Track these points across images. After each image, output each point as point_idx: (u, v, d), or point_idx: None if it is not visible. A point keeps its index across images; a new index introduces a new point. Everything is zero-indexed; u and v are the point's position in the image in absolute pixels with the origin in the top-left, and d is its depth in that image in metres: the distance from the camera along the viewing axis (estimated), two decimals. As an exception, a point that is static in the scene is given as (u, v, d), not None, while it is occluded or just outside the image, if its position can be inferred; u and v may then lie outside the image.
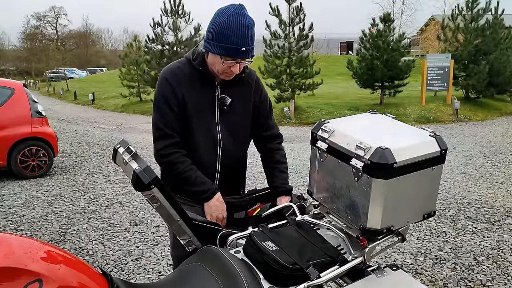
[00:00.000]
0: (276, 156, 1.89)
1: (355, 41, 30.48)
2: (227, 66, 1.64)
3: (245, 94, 1.82)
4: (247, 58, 1.64)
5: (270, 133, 1.92)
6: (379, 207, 1.28)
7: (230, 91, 1.77)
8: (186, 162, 1.71)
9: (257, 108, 1.86)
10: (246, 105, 1.83)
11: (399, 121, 1.52)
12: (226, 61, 1.62)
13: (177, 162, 1.70)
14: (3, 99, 6.14)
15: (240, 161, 1.90)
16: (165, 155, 1.71)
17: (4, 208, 4.87)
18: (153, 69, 17.02)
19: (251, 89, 1.84)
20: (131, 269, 3.31)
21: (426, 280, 3.08)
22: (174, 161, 1.70)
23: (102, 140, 9.75)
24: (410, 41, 15.97)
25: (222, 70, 1.67)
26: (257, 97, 1.86)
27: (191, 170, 1.70)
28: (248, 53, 1.62)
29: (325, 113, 13.42)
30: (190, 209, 1.61)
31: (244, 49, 1.60)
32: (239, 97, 1.80)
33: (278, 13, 13.42)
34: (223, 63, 1.63)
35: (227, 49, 1.59)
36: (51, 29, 58.30)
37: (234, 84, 1.77)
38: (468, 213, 4.47)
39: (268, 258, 1.25)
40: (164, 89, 1.72)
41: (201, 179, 1.70)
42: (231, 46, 1.58)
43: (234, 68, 1.65)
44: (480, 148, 8.19)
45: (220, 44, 1.59)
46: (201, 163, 1.74)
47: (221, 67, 1.65)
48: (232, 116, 1.78)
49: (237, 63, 1.64)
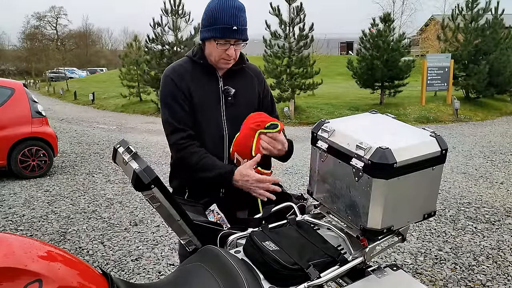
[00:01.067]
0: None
1: (355, 41, 30.50)
2: (222, 49, 1.66)
3: (249, 86, 1.83)
4: (239, 38, 1.65)
5: None
6: (379, 207, 1.28)
7: (233, 83, 1.79)
8: (200, 151, 1.70)
9: (261, 102, 1.87)
10: (251, 96, 1.83)
11: (400, 121, 1.52)
12: (220, 43, 1.65)
13: (192, 153, 1.70)
14: (3, 99, 6.15)
15: None
16: (180, 149, 1.71)
17: (4, 208, 4.87)
18: (153, 69, 16.99)
19: (254, 82, 1.85)
20: (131, 269, 3.31)
21: (426, 280, 3.08)
22: (189, 153, 1.70)
23: (102, 140, 9.75)
24: (410, 41, 15.98)
25: (218, 56, 1.68)
26: (261, 90, 1.87)
27: (207, 157, 1.69)
28: (240, 33, 1.64)
29: (325, 113, 13.42)
30: (191, 209, 1.61)
31: (235, 28, 1.62)
32: (243, 88, 1.81)
33: (279, 13, 13.43)
34: (217, 46, 1.65)
35: (218, 30, 1.63)
36: (51, 29, 58.40)
37: (236, 75, 1.79)
38: (468, 213, 4.47)
39: (268, 258, 1.25)
40: (169, 87, 1.73)
41: (218, 162, 1.69)
42: (222, 26, 1.62)
43: (230, 51, 1.66)
44: (480, 148, 8.19)
45: (212, 27, 1.64)
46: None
47: (217, 52, 1.67)
48: (237, 107, 1.78)
49: (231, 45, 1.66)
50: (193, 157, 1.69)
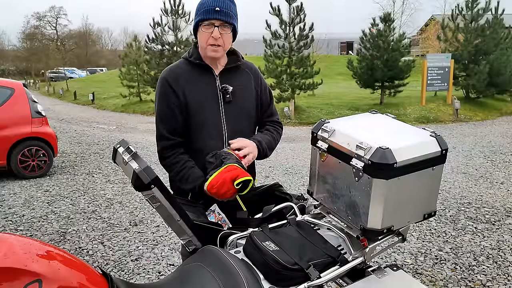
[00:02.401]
0: (268, 127, 1.93)
1: (355, 41, 30.50)
2: (207, 32, 1.68)
3: (246, 83, 1.85)
4: (223, 20, 1.67)
5: (271, 119, 1.96)
6: (379, 207, 1.28)
7: (230, 80, 1.80)
8: (180, 161, 1.72)
9: (259, 98, 1.89)
10: (248, 93, 1.85)
11: (400, 121, 1.52)
12: (204, 25, 1.68)
13: (172, 163, 1.74)
14: (3, 99, 6.14)
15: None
16: (163, 157, 1.77)
17: (4, 208, 4.87)
18: (153, 69, 17.01)
19: (251, 78, 1.87)
20: (131, 269, 3.31)
21: (426, 280, 3.08)
22: (170, 163, 1.74)
23: (102, 140, 9.75)
24: (410, 41, 15.93)
25: (205, 42, 1.70)
26: (258, 87, 1.89)
27: (185, 168, 1.71)
28: (224, 14, 1.67)
29: (325, 113, 13.41)
30: (191, 209, 1.61)
31: (217, 9, 1.65)
32: (240, 85, 1.82)
33: (279, 13, 13.43)
34: (202, 28, 1.69)
35: (202, 13, 1.68)
36: (51, 29, 58.36)
37: (232, 73, 1.82)
38: (468, 213, 4.47)
39: (268, 258, 1.25)
40: (163, 89, 1.75)
41: (195, 175, 1.69)
42: (205, 8, 1.67)
43: (214, 33, 1.68)
44: (480, 148, 8.18)
45: (197, 13, 1.70)
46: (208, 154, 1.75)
47: (203, 37, 1.70)
48: (235, 105, 1.79)
49: (216, 27, 1.68)
50: (172, 167, 1.73)
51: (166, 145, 1.74)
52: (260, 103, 1.90)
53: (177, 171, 1.72)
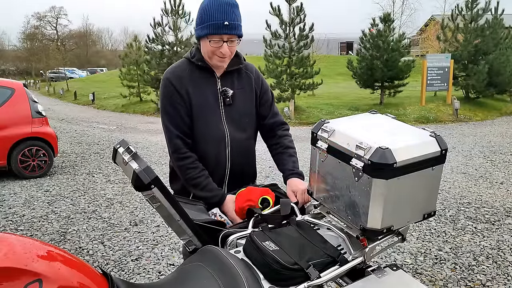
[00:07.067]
0: (284, 141, 1.91)
1: (355, 41, 30.49)
2: (215, 47, 1.66)
3: (246, 85, 1.84)
4: (232, 34, 1.65)
5: (275, 120, 1.94)
6: (379, 207, 1.28)
7: (231, 83, 1.80)
8: (197, 168, 1.73)
9: (260, 99, 1.89)
10: (249, 95, 1.84)
11: (399, 121, 1.52)
12: (213, 40, 1.64)
13: (189, 167, 1.72)
14: (3, 99, 6.15)
15: (249, 153, 1.90)
16: (178, 158, 1.73)
17: (4, 208, 4.87)
18: (153, 69, 16.98)
19: (252, 81, 1.86)
20: (131, 269, 3.31)
21: (426, 280, 3.08)
22: (187, 167, 1.72)
23: (102, 140, 9.75)
24: (410, 41, 15.94)
25: (212, 53, 1.68)
26: (259, 88, 1.88)
27: (202, 176, 1.72)
28: (233, 28, 1.64)
29: (325, 113, 13.42)
30: (193, 207, 1.61)
31: (227, 24, 1.61)
32: (241, 88, 1.82)
33: (279, 13, 13.43)
34: (211, 43, 1.65)
35: (210, 27, 1.62)
36: (51, 29, 58.37)
37: (234, 76, 1.81)
38: (468, 213, 4.47)
39: (268, 258, 1.25)
40: (167, 90, 1.74)
41: (211, 186, 1.72)
42: (214, 22, 1.61)
43: (223, 49, 1.66)
44: (480, 148, 8.19)
45: (204, 24, 1.64)
46: (209, 156, 1.76)
47: (211, 49, 1.67)
48: (236, 107, 1.79)
49: (224, 42, 1.65)
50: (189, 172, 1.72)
51: (181, 145, 1.73)
52: (261, 103, 1.89)
53: (193, 177, 1.72)
